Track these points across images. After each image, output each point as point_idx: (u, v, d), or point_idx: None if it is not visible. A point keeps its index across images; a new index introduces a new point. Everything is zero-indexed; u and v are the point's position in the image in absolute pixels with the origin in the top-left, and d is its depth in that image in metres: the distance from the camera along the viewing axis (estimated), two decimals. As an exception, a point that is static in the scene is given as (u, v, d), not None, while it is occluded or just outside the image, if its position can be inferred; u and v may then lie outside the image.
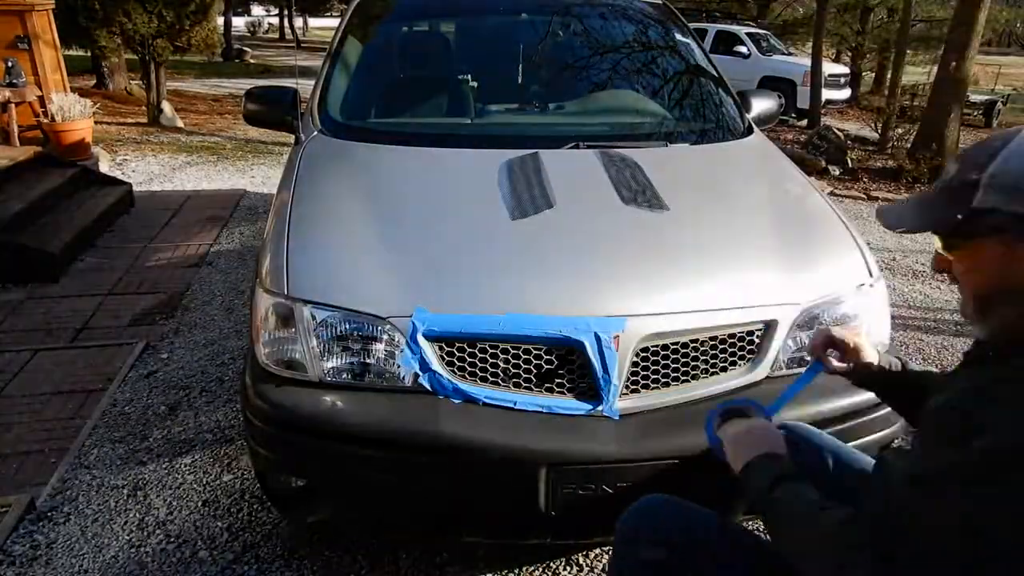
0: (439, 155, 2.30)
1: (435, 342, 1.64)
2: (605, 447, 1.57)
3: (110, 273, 4.17)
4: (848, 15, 16.06)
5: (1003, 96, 14.53)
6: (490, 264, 1.79)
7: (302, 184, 2.12)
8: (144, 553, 2.06)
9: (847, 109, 14.49)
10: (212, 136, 8.69)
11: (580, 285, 1.71)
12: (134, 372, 3.05)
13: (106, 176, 5.69)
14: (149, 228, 5.01)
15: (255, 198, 5.94)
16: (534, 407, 1.62)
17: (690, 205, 2.05)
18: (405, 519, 1.76)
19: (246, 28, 33.23)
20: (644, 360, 1.66)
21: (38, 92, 5.98)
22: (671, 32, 3.17)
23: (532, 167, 2.12)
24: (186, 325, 3.53)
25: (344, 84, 2.73)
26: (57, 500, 2.26)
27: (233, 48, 20.22)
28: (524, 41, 3.01)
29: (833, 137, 8.17)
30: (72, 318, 3.55)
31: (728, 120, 2.74)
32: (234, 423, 2.69)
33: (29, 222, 4.35)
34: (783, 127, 11.39)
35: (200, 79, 14.81)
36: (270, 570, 1.99)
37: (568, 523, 1.74)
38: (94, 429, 2.63)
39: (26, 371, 3.01)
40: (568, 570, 2.05)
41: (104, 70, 10.54)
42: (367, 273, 1.75)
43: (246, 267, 4.32)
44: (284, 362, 1.70)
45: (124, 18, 7.56)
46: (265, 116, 2.63)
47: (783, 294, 1.76)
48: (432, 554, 2.05)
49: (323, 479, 1.72)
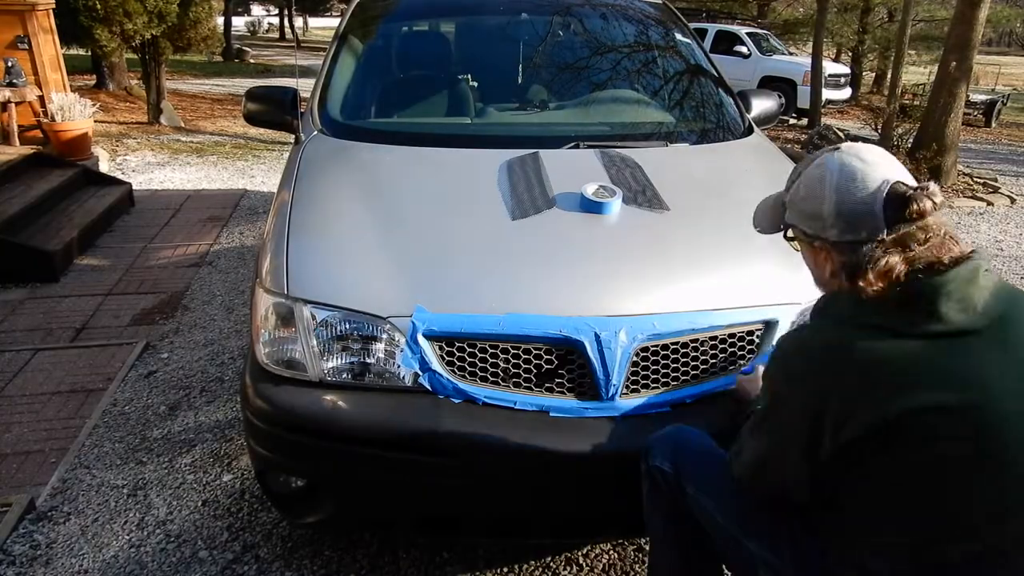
0: (439, 155, 2.30)
1: (435, 342, 1.64)
2: (605, 447, 1.57)
3: (110, 273, 4.17)
4: (848, 15, 16.07)
5: (1003, 96, 14.53)
6: (490, 264, 1.79)
7: (302, 184, 2.12)
8: (144, 553, 2.06)
9: (847, 109, 14.49)
10: (212, 136, 8.69)
11: (580, 285, 1.70)
12: (134, 372, 3.05)
13: (106, 176, 5.69)
14: (149, 228, 5.02)
15: (255, 198, 5.93)
16: (534, 407, 1.62)
17: (690, 205, 2.05)
18: (405, 519, 1.76)
19: (246, 28, 33.25)
20: (644, 360, 1.66)
21: (38, 92, 5.98)
22: (671, 32, 3.17)
23: (532, 167, 2.12)
24: (186, 325, 3.53)
25: (344, 84, 2.72)
26: (57, 500, 2.26)
27: (233, 48, 20.22)
28: (524, 41, 3.00)
29: (833, 137, 8.18)
30: (72, 318, 3.56)
31: (728, 120, 2.74)
32: (234, 423, 2.69)
33: (29, 222, 4.35)
34: (783, 127, 11.39)
35: (200, 79, 14.80)
36: (270, 570, 1.99)
37: (568, 523, 1.75)
38: (94, 429, 2.63)
39: (26, 371, 3.01)
40: (568, 570, 2.05)
41: (104, 69, 10.53)
42: (367, 273, 1.75)
43: (246, 267, 4.32)
44: (284, 362, 1.70)
45: (124, 18, 7.55)
46: (265, 116, 2.62)
47: (783, 293, 1.76)
48: (432, 554, 2.05)
49: (323, 479, 1.72)
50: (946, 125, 7.39)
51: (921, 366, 1.03)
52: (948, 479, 1.03)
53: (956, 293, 1.05)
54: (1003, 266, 5.10)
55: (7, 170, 4.78)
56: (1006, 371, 1.04)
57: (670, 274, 1.78)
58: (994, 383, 1.02)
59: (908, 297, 1.07)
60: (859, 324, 1.09)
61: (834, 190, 1.14)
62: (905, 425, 1.02)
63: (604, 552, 2.11)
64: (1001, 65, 24.05)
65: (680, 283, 1.75)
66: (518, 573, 2.03)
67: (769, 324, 1.74)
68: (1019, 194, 7.35)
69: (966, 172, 7.99)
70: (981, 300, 1.05)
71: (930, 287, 1.05)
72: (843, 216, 1.13)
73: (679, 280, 1.77)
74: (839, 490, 1.13)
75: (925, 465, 1.03)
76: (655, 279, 1.76)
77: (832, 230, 1.14)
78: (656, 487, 1.47)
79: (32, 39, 5.94)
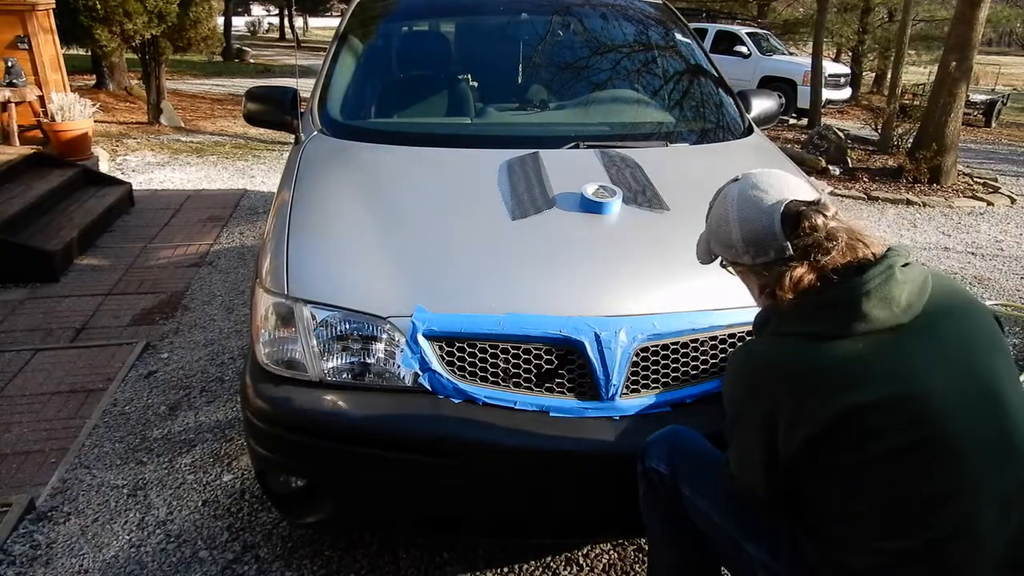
0: (439, 155, 2.30)
1: (435, 342, 1.64)
2: (605, 447, 1.57)
3: (110, 273, 4.17)
4: (848, 15, 16.07)
5: (1003, 96, 14.54)
6: (490, 264, 1.79)
7: (302, 184, 2.12)
8: (144, 553, 2.06)
9: (847, 109, 14.49)
10: (212, 136, 8.69)
11: (580, 285, 1.71)
12: (134, 372, 3.05)
13: (106, 176, 5.69)
14: (149, 228, 5.02)
15: (255, 198, 5.93)
16: (534, 407, 1.62)
17: (690, 205, 2.04)
18: (405, 519, 1.76)
19: (246, 28, 33.25)
20: (644, 360, 1.66)
21: (38, 92, 5.98)
22: (671, 32, 3.17)
23: (532, 167, 2.12)
24: (186, 325, 3.53)
25: (344, 84, 2.72)
26: (57, 500, 2.26)
27: (233, 48, 20.22)
28: (524, 41, 3.00)
29: (833, 137, 8.17)
30: (72, 318, 3.56)
31: (728, 120, 2.74)
32: (234, 423, 2.69)
33: (29, 222, 4.35)
34: (783, 127, 11.39)
35: (200, 79, 14.81)
36: (270, 570, 2.00)
37: (568, 523, 1.74)
38: (94, 429, 2.63)
39: (26, 371, 3.01)
40: (568, 570, 2.05)
41: (104, 69, 10.53)
42: (367, 273, 1.75)
43: (246, 267, 4.32)
44: (284, 362, 1.70)
45: (124, 18, 7.55)
46: (265, 116, 2.62)
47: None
48: (432, 554, 2.06)
49: (323, 479, 1.72)
50: (946, 125, 7.39)
51: (854, 364, 1.08)
52: (897, 470, 1.06)
53: (875, 292, 1.09)
54: (1003, 266, 5.10)
55: (7, 170, 4.78)
56: (937, 360, 1.09)
57: (670, 274, 1.78)
58: (927, 372, 1.07)
59: (830, 302, 1.12)
60: (791, 334, 1.15)
61: (737, 220, 1.23)
62: (847, 423, 1.06)
63: (604, 552, 2.11)
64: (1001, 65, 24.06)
65: (680, 283, 1.75)
66: (518, 573, 2.03)
67: (769, 324, 1.74)
68: (1019, 194, 7.35)
69: (966, 172, 7.99)
70: (902, 295, 1.10)
71: (848, 289, 1.11)
72: (749, 241, 1.22)
73: (679, 280, 1.77)
74: (809, 492, 1.16)
75: (874, 460, 1.06)
76: (655, 279, 1.76)
77: (745, 255, 1.23)
78: (652, 488, 1.47)
79: (32, 39, 5.94)
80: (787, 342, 1.15)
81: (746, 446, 1.23)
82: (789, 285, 1.14)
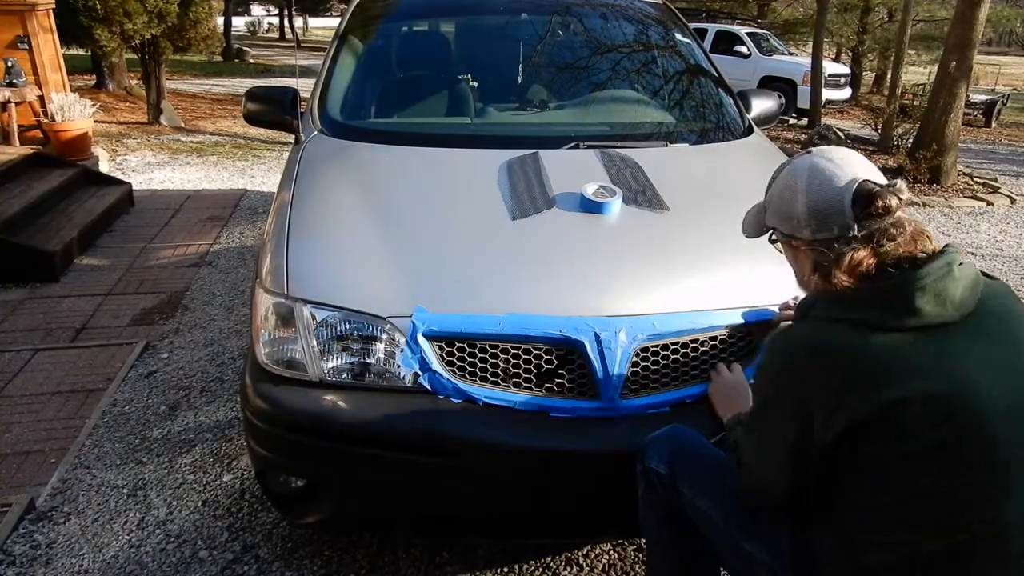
0: (439, 155, 2.30)
1: (435, 342, 1.64)
2: (605, 447, 1.57)
3: (110, 273, 4.17)
4: (848, 15, 16.07)
5: (1003, 96, 14.54)
6: (490, 264, 1.79)
7: (302, 184, 2.12)
8: (144, 553, 2.06)
9: (847, 109, 14.49)
10: (212, 136, 8.69)
11: (580, 285, 1.70)
12: (134, 372, 3.05)
13: (106, 176, 5.69)
14: (149, 228, 5.02)
15: (255, 198, 5.94)
16: (534, 407, 1.62)
17: (690, 205, 2.05)
18: (405, 519, 1.76)
19: (246, 28, 33.26)
20: (644, 360, 1.66)
21: (38, 92, 5.98)
22: (671, 32, 3.17)
23: (532, 167, 2.12)
24: (186, 325, 3.53)
25: (344, 84, 2.72)
26: (57, 500, 2.26)
27: (233, 48, 20.23)
28: (524, 41, 3.00)
29: (833, 137, 8.17)
30: (72, 318, 3.56)
31: (728, 120, 2.74)
32: (234, 423, 2.69)
33: (29, 222, 4.35)
34: (783, 127, 11.40)
35: (200, 79, 14.80)
36: (270, 570, 2.00)
37: (568, 523, 1.74)
38: (94, 429, 2.63)
39: (26, 371, 3.01)
40: (568, 570, 2.05)
41: (104, 69, 10.54)
42: (367, 273, 1.75)
43: (246, 267, 4.32)
44: (284, 362, 1.70)
45: (124, 18, 7.55)
46: (265, 116, 2.62)
47: (783, 293, 1.76)
48: (432, 554, 2.06)
49: (323, 479, 1.72)
50: (946, 125, 7.39)
51: (900, 359, 1.07)
52: (933, 468, 1.05)
53: (931, 287, 1.08)
54: (1003, 266, 5.10)
55: (7, 170, 4.78)
56: (983, 360, 1.07)
57: (670, 274, 1.78)
58: (971, 372, 1.05)
59: (884, 292, 1.10)
60: (839, 321, 1.13)
61: (805, 191, 1.20)
62: (888, 417, 1.05)
63: (604, 552, 2.11)
64: (1001, 65, 24.06)
65: (680, 283, 1.75)
66: (518, 573, 2.03)
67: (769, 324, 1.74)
68: (1019, 194, 7.36)
69: (966, 172, 7.99)
70: (956, 293, 1.09)
71: (904, 282, 1.09)
72: (815, 215, 1.18)
73: (679, 280, 1.77)
74: (832, 487, 1.15)
75: (912, 456, 1.05)
76: (655, 279, 1.76)
77: (806, 229, 1.20)
78: (652, 488, 1.47)
79: (32, 39, 5.94)
80: (836, 328, 1.12)
81: (770, 439, 1.21)
82: (848, 266, 1.12)
